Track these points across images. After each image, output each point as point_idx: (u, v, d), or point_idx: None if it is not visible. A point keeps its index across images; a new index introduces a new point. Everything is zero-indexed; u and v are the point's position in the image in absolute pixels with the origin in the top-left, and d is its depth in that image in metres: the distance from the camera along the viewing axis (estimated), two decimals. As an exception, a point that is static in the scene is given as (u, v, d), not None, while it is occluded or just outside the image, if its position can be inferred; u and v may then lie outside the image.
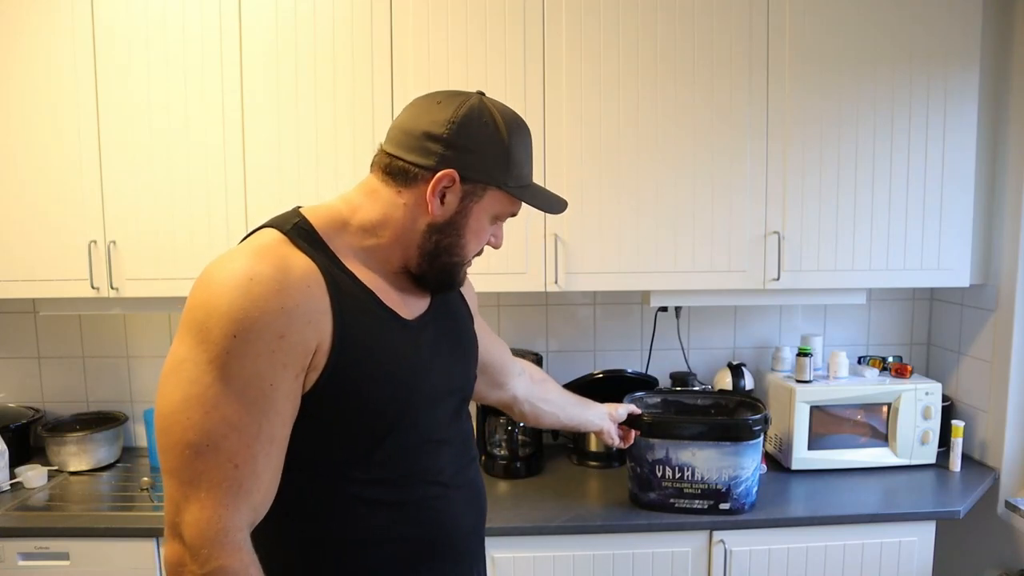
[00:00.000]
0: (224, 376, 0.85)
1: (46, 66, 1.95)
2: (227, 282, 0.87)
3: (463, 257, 1.04)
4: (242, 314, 0.85)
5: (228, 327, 0.85)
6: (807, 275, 2.06)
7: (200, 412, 0.85)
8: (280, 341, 0.87)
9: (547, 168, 2.00)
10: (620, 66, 1.98)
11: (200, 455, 0.84)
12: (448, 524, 1.06)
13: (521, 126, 1.03)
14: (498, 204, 1.03)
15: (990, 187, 2.13)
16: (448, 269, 1.04)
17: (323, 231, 0.98)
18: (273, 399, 0.88)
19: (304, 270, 0.92)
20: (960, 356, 2.29)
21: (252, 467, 0.87)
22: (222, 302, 0.86)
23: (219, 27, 1.94)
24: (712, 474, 1.82)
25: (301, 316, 0.88)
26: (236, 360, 0.85)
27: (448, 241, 1.01)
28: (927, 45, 2.01)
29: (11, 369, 2.40)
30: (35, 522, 1.82)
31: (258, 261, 0.89)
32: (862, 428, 2.14)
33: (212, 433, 0.85)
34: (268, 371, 0.87)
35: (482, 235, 1.04)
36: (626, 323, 2.44)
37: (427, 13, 1.95)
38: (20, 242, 2.00)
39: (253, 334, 0.85)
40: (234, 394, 0.85)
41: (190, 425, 0.84)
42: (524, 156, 1.03)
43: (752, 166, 2.02)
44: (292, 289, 0.89)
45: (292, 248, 0.94)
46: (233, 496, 0.86)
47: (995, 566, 2.11)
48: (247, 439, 0.86)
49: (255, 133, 1.96)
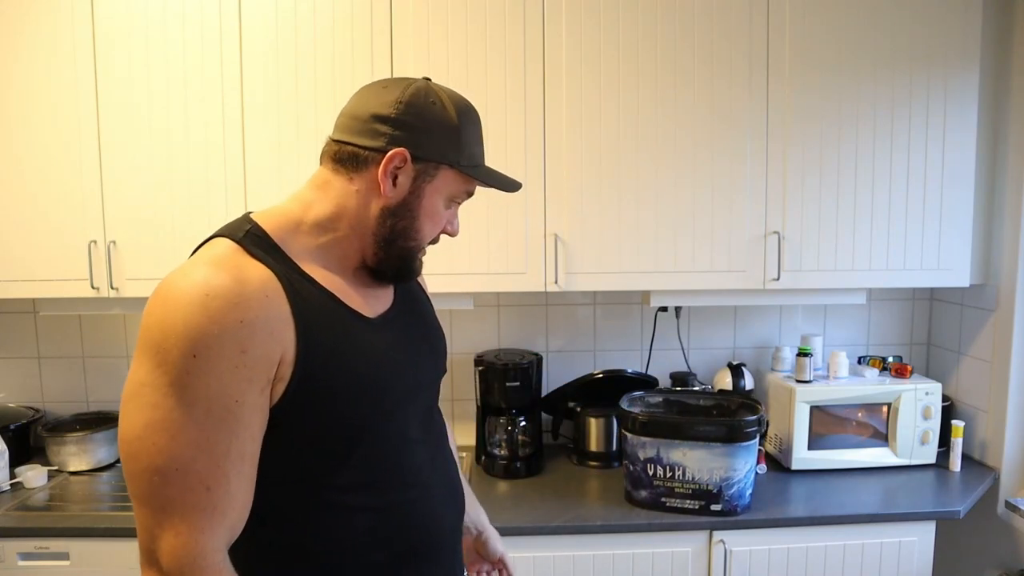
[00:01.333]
0: (187, 398, 0.82)
1: (46, 66, 1.95)
2: (182, 298, 0.83)
3: (419, 241, 1.02)
4: (200, 332, 0.82)
5: (186, 347, 0.82)
6: (807, 275, 2.06)
7: (165, 437, 0.82)
8: (242, 356, 0.84)
9: (547, 168, 2.00)
10: (620, 66, 1.98)
11: (169, 481, 0.82)
12: (429, 525, 1.04)
13: (470, 108, 1.02)
14: (452, 184, 1.00)
15: (990, 187, 2.13)
16: (404, 255, 1.01)
17: (276, 235, 0.96)
18: (240, 415, 0.85)
19: (261, 279, 0.89)
20: (960, 356, 2.29)
21: (225, 487, 0.84)
22: (178, 320, 0.82)
23: (219, 27, 1.94)
24: (703, 475, 1.82)
25: (262, 328, 0.85)
26: (198, 380, 0.82)
27: (403, 224, 0.99)
28: (927, 45, 2.01)
29: (11, 369, 2.40)
30: (35, 522, 1.82)
31: (213, 274, 0.85)
32: (862, 428, 2.14)
33: (180, 457, 0.82)
34: (233, 388, 0.84)
35: (437, 218, 1.02)
36: (626, 323, 2.44)
37: (427, 14, 1.95)
38: (20, 242, 2.00)
39: (213, 352, 0.82)
40: (199, 415, 0.82)
41: (156, 451, 0.82)
42: (474, 137, 1.01)
43: (752, 166, 2.02)
44: (250, 300, 0.85)
45: (247, 257, 0.91)
46: (208, 519, 0.84)
47: (995, 566, 2.11)
48: (217, 459, 0.84)
49: (255, 133, 1.96)
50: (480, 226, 2.01)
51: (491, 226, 2.01)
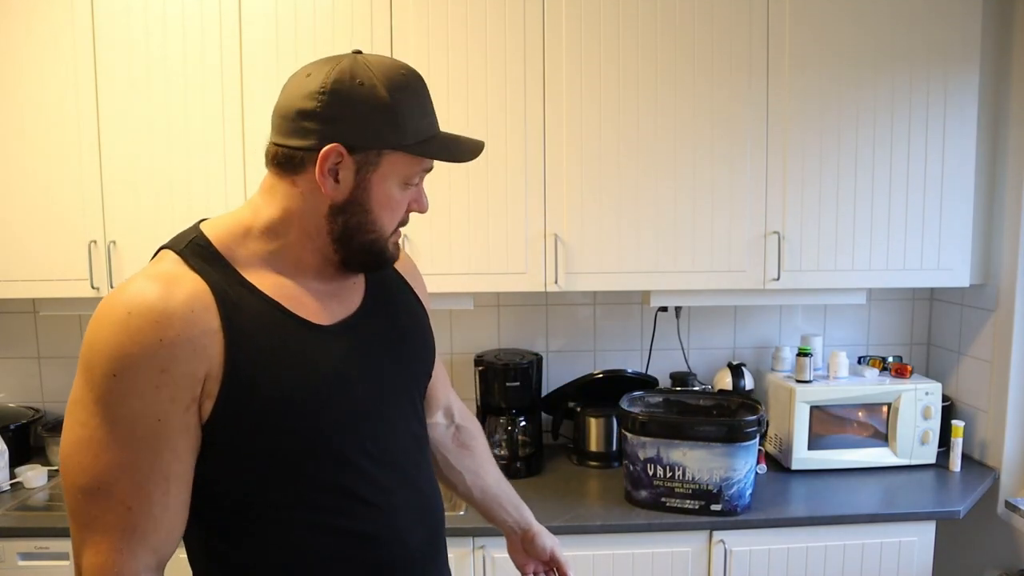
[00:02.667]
0: (110, 417, 0.82)
1: (46, 66, 1.95)
2: (107, 316, 0.83)
3: (379, 232, 0.95)
4: (120, 351, 0.81)
5: (108, 366, 0.81)
6: (807, 275, 2.06)
7: (90, 456, 0.82)
8: (162, 375, 0.82)
9: (547, 168, 2.00)
10: (620, 64, 1.98)
11: (92, 499, 0.81)
12: (391, 545, 0.98)
13: (405, 76, 0.94)
14: (400, 167, 0.92)
15: (990, 187, 2.13)
16: (368, 247, 0.95)
17: (222, 244, 0.92)
18: (165, 436, 0.83)
19: (189, 293, 0.85)
20: (960, 356, 2.29)
21: (147, 508, 0.83)
22: (101, 338, 0.82)
23: (219, 27, 1.94)
24: (703, 475, 1.82)
25: (184, 345, 0.83)
26: (119, 399, 0.81)
27: (356, 220, 0.92)
28: (927, 45, 2.01)
29: (11, 369, 2.40)
30: (35, 522, 1.82)
31: (141, 290, 0.84)
32: (862, 428, 2.14)
33: (102, 477, 0.81)
34: (154, 407, 0.82)
35: (394, 204, 0.94)
36: (626, 323, 2.44)
37: (427, 14, 1.95)
38: (20, 242, 2.00)
39: (132, 371, 0.81)
40: (122, 435, 0.81)
41: (81, 470, 0.82)
42: (415, 108, 0.93)
43: (752, 166, 2.02)
44: (173, 318, 0.83)
45: (185, 268, 0.88)
46: (127, 540, 0.82)
47: (995, 566, 2.11)
48: (139, 479, 0.82)
49: (255, 133, 1.96)
50: (480, 226, 2.01)
51: (491, 226, 2.01)
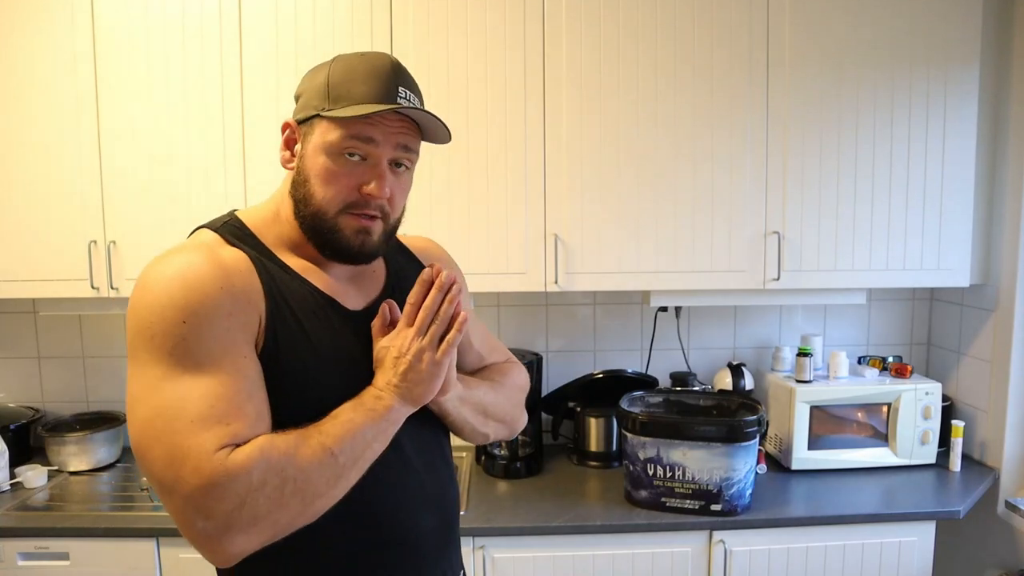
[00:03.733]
0: (190, 360, 0.85)
1: (47, 67, 1.95)
2: (161, 279, 0.87)
3: (319, 206, 0.96)
4: (184, 300, 0.86)
5: (175, 316, 0.85)
6: (807, 275, 2.05)
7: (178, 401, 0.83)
8: (229, 319, 0.88)
9: (547, 168, 2.00)
10: (620, 63, 1.98)
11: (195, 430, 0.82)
12: (399, 526, 1.00)
13: (362, 56, 0.98)
14: (327, 133, 0.95)
15: (990, 187, 2.13)
16: (316, 224, 0.97)
17: (254, 227, 0.99)
18: (246, 357, 0.88)
19: (235, 257, 0.93)
20: (960, 356, 2.29)
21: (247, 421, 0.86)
22: (162, 295, 0.86)
23: (219, 27, 1.94)
24: (703, 475, 1.82)
25: (240, 295, 0.89)
26: (194, 341, 0.85)
27: (302, 192, 0.97)
28: (927, 45, 2.01)
29: (11, 369, 2.40)
30: (35, 522, 1.82)
31: (190, 254, 0.90)
32: (862, 428, 2.14)
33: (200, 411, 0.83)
34: (228, 341, 0.87)
35: (328, 176, 0.95)
36: (626, 323, 2.44)
37: (427, 15, 1.95)
38: (20, 242, 2.00)
39: (202, 315, 0.86)
40: (207, 369, 0.85)
41: (174, 415, 0.83)
42: (352, 76, 0.95)
43: (752, 166, 2.02)
44: (229, 272, 0.90)
45: (222, 243, 0.96)
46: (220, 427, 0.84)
47: (995, 566, 2.11)
48: (237, 400, 0.85)
49: (255, 133, 1.96)
50: (480, 226, 2.01)
51: (491, 226, 2.01)
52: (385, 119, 0.95)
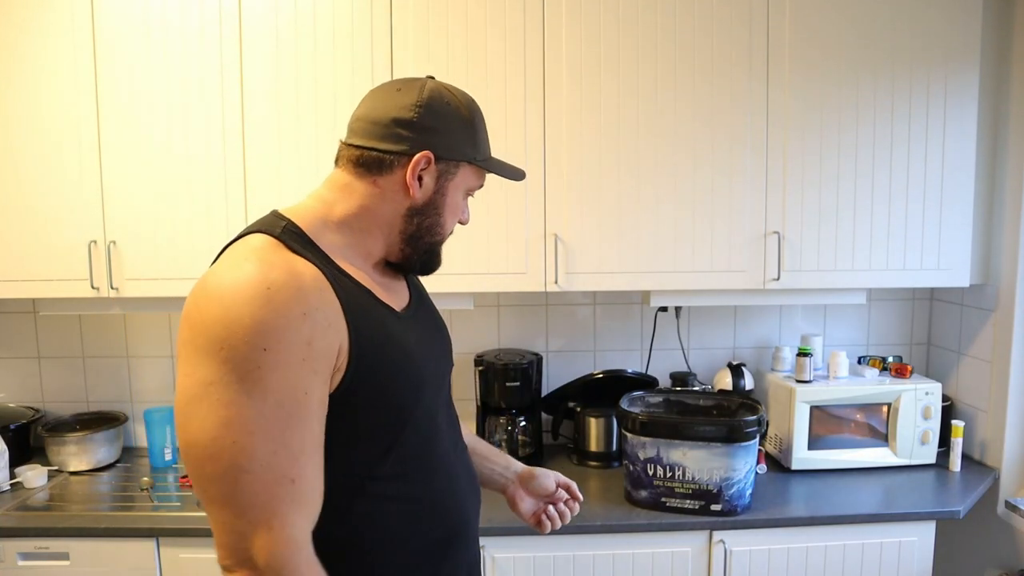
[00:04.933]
0: (258, 392, 0.82)
1: (46, 66, 1.95)
2: (242, 293, 0.83)
3: (443, 236, 1.08)
4: (267, 325, 0.82)
5: (256, 340, 0.81)
6: (807, 275, 2.06)
7: (244, 433, 0.81)
8: (308, 348, 0.85)
9: (547, 168, 2.00)
10: (620, 63, 1.98)
11: (256, 477, 0.82)
12: (457, 512, 1.08)
13: (476, 104, 1.08)
14: (470, 178, 1.07)
15: (990, 187, 2.13)
16: (431, 249, 1.07)
17: (311, 232, 0.98)
18: (310, 406, 0.86)
19: (312, 273, 0.90)
20: (960, 356, 2.29)
21: (305, 479, 0.85)
22: (243, 315, 0.82)
23: (219, 27, 1.94)
24: (703, 475, 1.82)
25: (322, 320, 0.87)
26: (269, 374, 0.82)
27: (429, 222, 1.04)
28: (927, 45, 2.01)
29: (11, 369, 2.40)
30: (35, 522, 1.82)
31: (266, 268, 0.86)
32: (862, 428, 2.14)
33: (262, 453, 0.82)
34: (301, 380, 0.84)
35: (457, 211, 1.08)
36: (626, 323, 2.44)
37: (427, 15, 1.95)
38: (20, 242, 2.00)
39: (283, 344, 0.82)
40: (271, 409, 0.82)
41: (238, 449, 0.81)
42: (485, 131, 1.08)
43: (752, 166, 2.02)
44: (309, 293, 0.87)
45: (288, 252, 0.91)
46: (297, 511, 0.84)
47: (995, 566, 2.11)
48: (295, 452, 0.84)
49: (255, 132, 1.96)
50: (480, 226, 2.01)
51: (491, 226, 2.01)
52: None
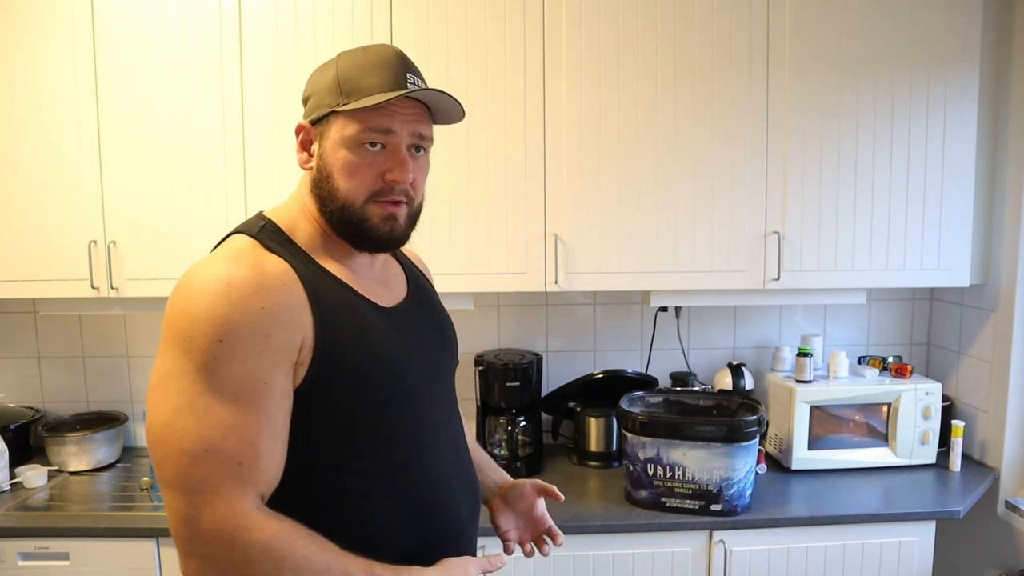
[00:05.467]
0: (215, 382, 0.86)
1: (46, 66, 1.95)
2: (206, 289, 0.88)
3: (346, 198, 0.98)
4: (224, 319, 0.86)
5: (212, 332, 0.86)
6: (807, 275, 2.05)
7: (193, 419, 0.85)
8: (266, 340, 0.88)
9: (547, 168, 2.00)
10: (620, 64, 1.98)
11: (199, 461, 0.85)
12: (448, 512, 1.06)
13: (365, 49, 1.00)
14: (344, 128, 0.97)
15: (990, 187, 2.13)
16: (345, 217, 0.99)
17: (288, 229, 1.00)
18: (268, 396, 0.89)
19: (279, 270, 0.93)
20: (960, 356, 2.29)
21: (255, 463, 0.88)
22: (202, 309, 0.86)
23: (219, 27, 1.94)
24: (703, 475, 1.82)
25: (283, 314, 0.89)
26: (224, 364, 0.86)
27: (325, 188, 0.99)
28: (927, 46, 2.01)
29: (11, 369, 2.40)
30: (35, 522, 1.82)
31: (233, 266, 0.90)
32: (862, 428, 2.14)
33: (209, 438, 0.85)
34: (259, 371, 0.88)
35: (351, 168, 0.97)
36: (626, 323, 2.44)
37: (427, 16, 1.95)
38: (20, 242, 2.00)
39: (238, 337, 0.86)
40: (227, 398, 0.86)
41: (185, 434, 0.85)
42: (360, 70, 0.98)
43: (752, 166, 2.02)
44: (271, 289, 0.90)
45: (263, 251, 0.95)
46: (241, 488, 0.86)
47: (995, 566, 2.11)
48: (248, 438, 0.87)
49: (255, 132, 1.96)
50: (480, 226, 2.01)
51: (491, 226, 2.01)
52: (399, 106, 0.98)
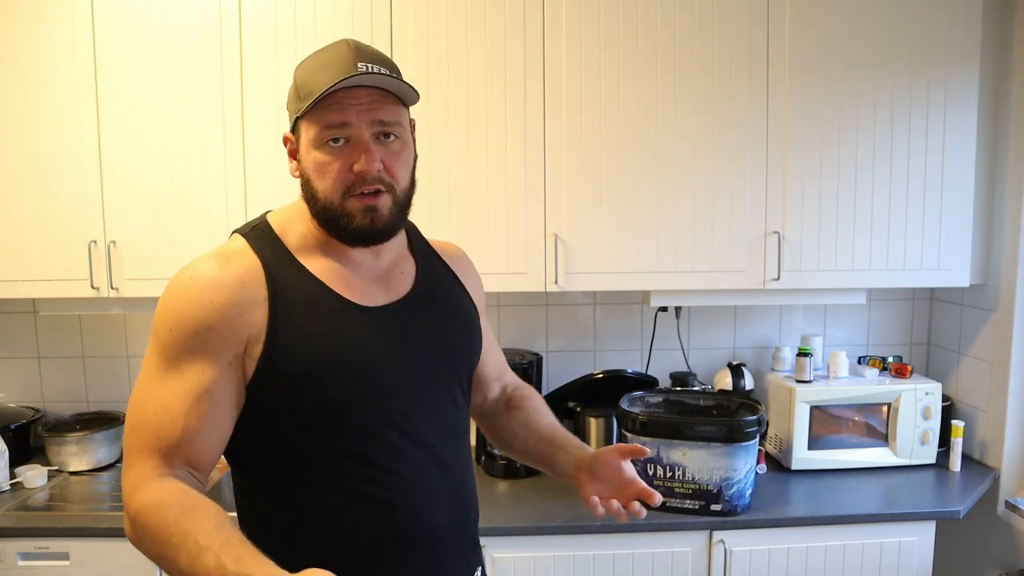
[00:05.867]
0: (165, 365, 0.96)
1: (47, 66, 1.95)
2: (173, 285, 0.99)
3: (325, 198, 1.01)
4: (177, 310, 0.97)
5: (166, 323, 0.97)
6: (807, 275, 2.05)
7: (142, 396, 0.97)
8: (209, 332, 0.96)
9: (547, 168, 2.00)
10: (620, 66, 1.98)
11: (135, 430, 0.97)
12: (413, 518, 1.03)
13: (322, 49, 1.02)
14: (308, 131, 1.01)
15: (990, 187, 2.13)
16: (328, 216, 1.02)
17: (280, 229, 1.06)
18: (205, 383, 0.96)
19: (244, 268, 1.00)
20: (960, 356, 2.29)
21: (172, 438, 0.95)
22: (166, 302, 0.98)
23: (219, 27, 1.94)
24: (703, 475, 1.82)
25: (230, 309, 0.96)
26: (174, 350, 0.96)
27: (308, 192, 1.04)
28: (927, 46, 2.01)
29: (11, 369, 2.40)
30: (35, 522, 1.82)
31: (204, 264, 1.00)
32: (862, 428, 2.14)
33: (144, 412, 0.96)
34: (200, 358, 0.96)
35: (322, 168, 1.00)
36: (626, 323, 2.44)
37: (427, 17, 1.95)
38: (20, 242, 2.00)
39: (184, 326, 0.96)
40: (171, 379, 0.96)
41: (134, 406, 0.98)
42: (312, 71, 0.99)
43: (752, 166, 2.02)
44: (223, 285, 0.97)
45: (246, 248, 1.02)
46: (153, 455, 0.95)
47: (995, 566, 2.11)
48: (173, 416, 0.95)
49: (255, 132, 1.96)
50: (480, 226, 2.01)
51: (491, 226, 2.01)
52: (351, 98, 0.98)
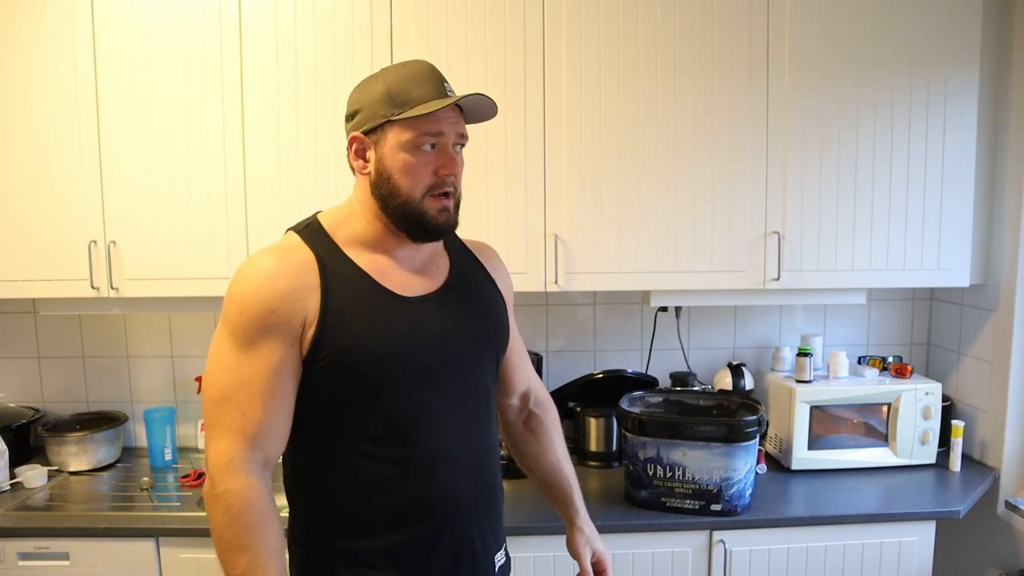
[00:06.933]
0: (237, 345, 1.11)
1: (47, 66, 1.95)
2: (239, 275, 1.14)
3: (407, 195, 1.14)
4: (244, 296, 1.11)
5: (236, 307, 1.11)
6: (807, 275, 2.05)
7: (219, 372, 1.11)
8: (272, 315, 1.10)
9: (547, 168, 2.00)
10: (620, 65, 1.98)
11: (219, 405, 1.10)
12: (439, 486, 1.18)
13: (404, 64, 1.16)
14: (401, 134, 1.13)
15: (990, 187, 2.13)
16: (407, 213, 1.16)
17: (329, 226, 1.19)
18: (273, 361, 1.10)
19: (300, 258, 1.14)
20: (960, 356, 2.29)
21: (255, 415, 1.09)
22: (234, 289, 1.12)
23: (219, 27, 1.94)
24: (703, 475, 1.82)
25: (290, 294, 1.10)
26: (242, 331, 1.10)
27: (386, 189, 1.15)
28: (927, 46, 2.01)
29: (11, 369, 2.40)
30: (35, 522, 1.82)
31: (265, 256, 1.14)
32: (862, 428, 2.14)
33: (227, 388, 1.10)
34: (266, 338, 1.10)
35: (410, 168, 1.14)
36: (626, 323, 2.44)
37: (427, 17, 1.95)
38: (20, 242, 2.00)
39: (251, 310, 1.10)
40: (244, 358, 1.10)
41: (213, 381, 1.12)
42: (407, 84, 1.13)
43: (752, 165, 2.02)
44: (284, 273, 1.11)
45: (301, 243, 1.16)
46: (239, 436, 1.09)
47: (995, 566, 2.11)
48: (251, 392, 1.09)
49: (255, 132, 1.96)
50: (480, 226, 2.00)
51: (491, 226, 2.01)
52: (444, 112, 1.14)
